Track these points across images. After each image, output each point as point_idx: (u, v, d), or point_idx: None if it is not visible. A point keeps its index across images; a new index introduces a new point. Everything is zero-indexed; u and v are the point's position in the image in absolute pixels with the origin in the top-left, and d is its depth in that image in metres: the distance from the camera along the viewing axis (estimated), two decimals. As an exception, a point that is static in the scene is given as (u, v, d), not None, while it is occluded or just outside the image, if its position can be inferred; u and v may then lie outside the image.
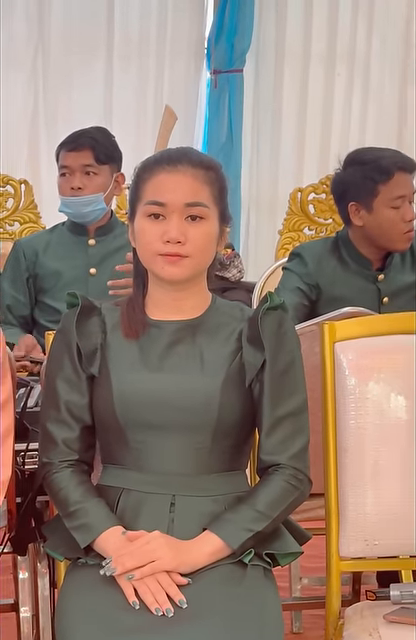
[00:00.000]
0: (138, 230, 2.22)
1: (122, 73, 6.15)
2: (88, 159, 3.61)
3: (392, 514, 2.38)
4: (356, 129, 6.39)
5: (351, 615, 2.36)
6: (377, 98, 6.44)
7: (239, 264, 4.05)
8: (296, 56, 6.31)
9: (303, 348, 2.31)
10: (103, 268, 3.63)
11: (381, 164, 3.33)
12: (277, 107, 6.32)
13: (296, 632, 3.61)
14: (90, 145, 3.61)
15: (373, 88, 6.42)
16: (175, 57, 6.19)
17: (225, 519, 2.15)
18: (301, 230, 5.12)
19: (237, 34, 6.08)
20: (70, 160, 3.61)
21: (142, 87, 6.18)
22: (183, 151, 2.24)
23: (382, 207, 3.35)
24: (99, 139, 3.64)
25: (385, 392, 2.40)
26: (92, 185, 3.62)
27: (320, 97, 6.36)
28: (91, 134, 3.65)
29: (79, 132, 3.66)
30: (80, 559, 2.18)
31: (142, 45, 6.15)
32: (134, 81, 6.18)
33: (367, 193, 3.35)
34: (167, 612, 2.01)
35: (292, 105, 6.33)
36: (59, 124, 5.93)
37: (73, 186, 3.61)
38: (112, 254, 3.64)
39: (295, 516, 2.33)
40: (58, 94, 6.06)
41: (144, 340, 2.24)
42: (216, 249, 2.25)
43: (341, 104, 6.39)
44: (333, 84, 6.36)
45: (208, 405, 2.19)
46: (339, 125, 6.38)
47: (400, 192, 3.35)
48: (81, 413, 2.25)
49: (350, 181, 3.39)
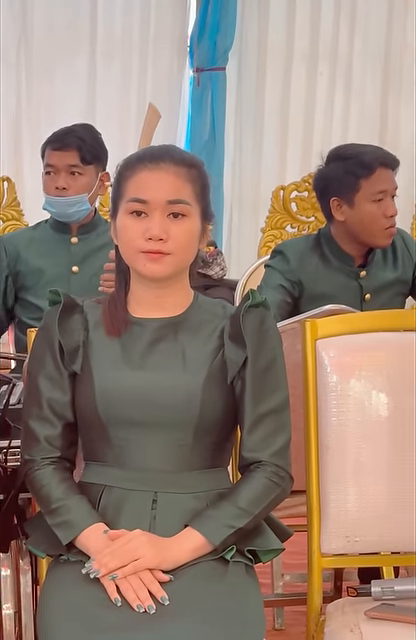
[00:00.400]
0: (120, 227, 2.22)
1: (105, 69, 6.16)
2: (74, 159, 3.59)
3: (373, 511, 2.39)
4: (338, 128, 6.41)
5: (332, 611, 2.37)
6: (359, 97, 6.46)
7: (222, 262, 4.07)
8: (279, 54, 6.32)
9: (285, 346, 2.31)
10: (85, 266, 3.63)
11: (363, 159, 3.34)
12: (260, 105, 6.34)
13: (278, 628, 3.62)
14: (76, 145, 3.58)
15: (355, 87, 6.45)
16: (158, 54, 6.19)
17: (207, 516, 2.16)
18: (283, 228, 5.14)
19: (220, 32, 6.09)
20: (56, 159, 3.60)
21: (125, 84, 6.19)
22: (165, 149, 2.24)
23: (364, 202, 3.36)
24: (86, 139, 3.61)
25: (367, 389, 2.40)
26: (77, 185, 3.61)
27: (302, 95, 6.38)
28: (78, 133, 3.61)
29: (66, 130, 3.63)
30: (62, 556, 2.19)
31: (125, 42, 6.16)
32: (117, 78, 6.18)
33: (349, 188, 3.36)
34: (149, 609, 2.01)
35: (274, 103, 6.35)
36: (42, 121, 5.94)
37: (58, 186, 3.59)
38: (95, 252, 3.63)
39: (277, 513, 2.33)
40: (41, 91, 6.06)
41: (126, 338, 2.24)
42: (198, 246, 2.25)
43: (323, 103, 6.41)
44: (315, 83, 6.38)
45: (190, 402, 2.19)
46: (321, 123, 6.40)
47: (382, 187, 3.35)
48: (63, 410, 2.25)
49: (332, 176, 3.40)
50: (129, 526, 2.15)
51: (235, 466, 2.40)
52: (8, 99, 6.02)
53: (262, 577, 2.27)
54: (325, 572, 2.64)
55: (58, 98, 6.06)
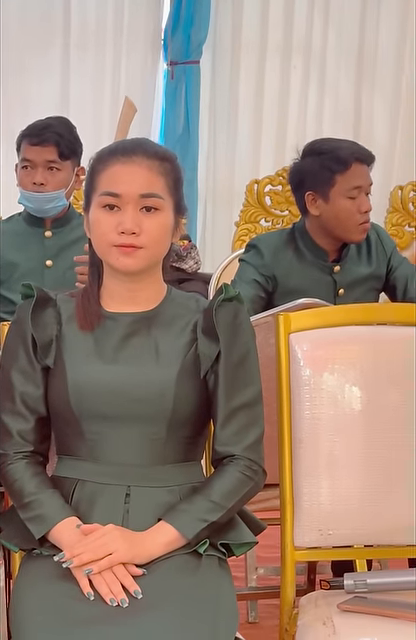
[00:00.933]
0: (93, 221, 2.22)
1: (79, 63, 6.13)
2: (52, 155, 3.57)
3: (346, 504, 2.40)
4: (312, 121, 6.42)
5: (305, 604, 2.37)
6: (333, 91, 6.47)
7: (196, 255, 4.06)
8: (252, 48, 6.32)
9: (258, 339, 2.31)
10: (59, 260, 3.62)
11: (339, 154, 3.35)
12: (234, 99, 6.34)
13: (252, 621, 3.63)
14: (55, 141, 3.56)
15: (329, 81, 6.45)
16: (132, 48, 6.18)
17: (180, 509, 2.16)
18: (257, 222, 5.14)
19: (194, 25, 6.08)
20: (33, 154, 3.57)
21: (99, 77, 6.17)
22: (138, 142, 2.23)
23: (339, 197, 3.37)
24: (63, 134, 3.59)
25: (340, 383, 2.41)
26: (55, 181, 3.60)
27: (276, 89, 6.38)
28: (56, 128, 3.59)
29: (43, 125, 3.60)
30: (35, 550, 2.18)
31: (99, 35, 6.14)
32: (91, 71, 6.16)
33: (324, 183, 3.37)
34: (122, 603, 2.01)
35: (248, 97, 6.35)
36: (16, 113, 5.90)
37: (35, 181, 3.58)
38: (69, 246, 3.62)
39: (250, 506, 2.33)
40: (15, 83, 6.02)
41: (99, 332, 2.24)
42: (171, 240, 2.25)
43: (297, 96, 6.41)
44: (289, 76, 6.38)
45: (163, 396, 2.19)
46: (295, 117, 6.40)
47: (357, 183, 3.36)
48: (36, 404, 2.25)
49: (308, 170, 3.41)
50: (102, 520, 2.15)
51: (208, 460, 2.40)
52: (-19, 92, 6.00)
53: (236, 570, 2.28)
54: (298, 565, 2.65)
55: (32, 91, 6.03)
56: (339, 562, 3.06)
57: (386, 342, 2.45)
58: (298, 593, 2.43)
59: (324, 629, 2.21)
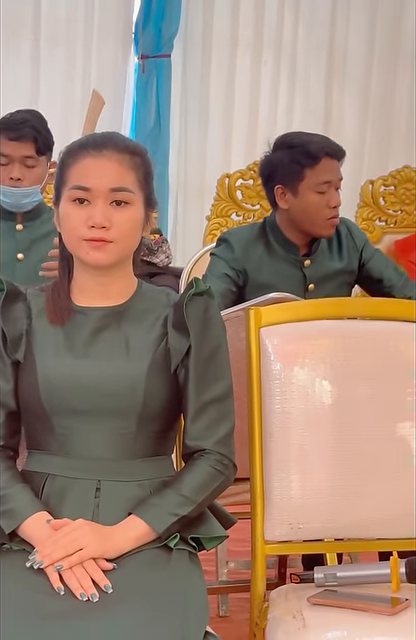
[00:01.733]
0: (63, 215, 2.21)
1: (49, 55, 6.11)
2: (29, 150, 3.56)
3: (317, 498, 2.40)
4: (283, 117, 6.43)
5: (275, 598, 2.38)
6: (303, 87, 6.48)
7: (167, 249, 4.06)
8: (223, 43, 6.32)
9: (229, 334, 2.32)
10: (31, 253, 3.61)
11: (309, 148, 3.36)
12: (205, 93, 6.33)
13: (222, 615, 3.63)
14: (33, 137, 3.55)
15: (299, 77, 6.46)
16: (103, 40, 6.16)
17: (150, 503, 2.16)
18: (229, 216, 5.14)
19: (165, 19, 6.07)
20: (11, 150, 3.56)
21: (69, 70, 6.15)
22: (108, 136, 2.23)
23: (307, 191, 3.38)
24: (40, 130, 3.58)
25: (310, 377, 2.41)
26: (31, 176, 3.59)
27: (247, 84, 6.38)
28: (32, 123, 3.57)
29: (20, 119, 3.58)
30: (5, 545, 2.17)
31: (69, 28, 6.12)
32: (61, 64, 6.14)
33: (293, 176, 3.38)
34: (92, 597, 2.01)
35: (219, 91, 6.35)
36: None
37: (12, 176, 3.56)
38: (40, 239, 3.61)
39: (221, 500, 2.34)
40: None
41: (69, 326, 2.24)
42: (142, 234, 2.25)
43: (268, 92, 6.42)
44: (260, 72, 6.39)
45: (133, 390, 2.19)
46: (266, 112, 6.41)
47: (326, 177, 3.37)
48: (6, 399, 2.24)
49: (277, 164, 3.41)
50: (72, 515, 2.15)
51: (179, 454, 2.40)
52: None
53: (207, 564, 2.28)
54: (269, 559, 2.66)
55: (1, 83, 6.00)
56: (310, 556, 3.08)
57: (356, 336, 2.45)
58: (269, 587, 2.44)
59: (294, 622, 2.22)
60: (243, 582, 3.48)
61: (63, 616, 1.98)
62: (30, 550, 2.11)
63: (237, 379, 2.32)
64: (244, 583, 3.42)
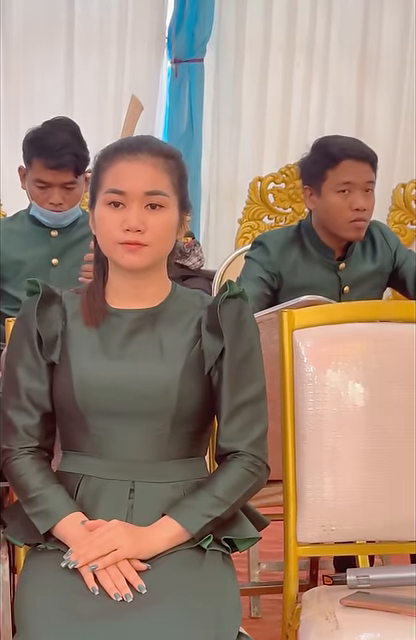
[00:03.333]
0: (98, 218, 2.22)
1: (83, 60, 6.14)
2: (69, 177, 3.52)
3: (349, 500, 2.41)
4: (315, 119, 6.43)
5: (308, 599, 2.38)
6: (335, 89, 6.47)
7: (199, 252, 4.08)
8: (256, 46, 6.33)
9: (262, 336, 2.32)
10: (65, 258, 3.61)
11: (330, 150, 3.38)
12: (237, 97, 6.34)
13: (254, 617, 3.64)
14: (73, 164, 3.50)
15: (331, 79, 6.46)
16: (136, 45, 6.18)
17: (184, 505, 2.17)
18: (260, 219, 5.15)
19: (197, 23, 6.09)
20: (50, 178, 3.52)
21: (103, 75, 6.18)
22: (143, 139, 2.24)
23: (329, 192, 3.39)
24: (78, 153, 3.51)
25: (343, 380, 2.42)
26: (71, 198, 3.56)
27: (279, 87, 6.38)
28: (72, 149, 3.50)
29: (59, 144, 3.48)
30: (40, 545, 2.19)
31: (103, 33, 6.15)
32: (95, 69, 6.17)
33: (316, 177, 3.40)
34: (126, 597, 2.02)
35: (252, 95, 6.36)
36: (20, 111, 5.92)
37: (53, 202, 3.54)
38: (74, 244, 3.62)
39: (254, 502, 2.34)
40: (18, 78, 6.03)
41: (104, 328, 2.25)
42: (176, 237, 2.26)
43: (300, 95, 6.42)
44: (292, 75, 6.39)
45: (167, 392, 2.20)
46: (298, 115, 6.41)
47: (346, 178, 3.37)
48: (41, 400, 2.26)
49: (305, 165, 3.45)
50: (106, 515, 2.16)
51: (212, 456, 2.41)
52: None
53: (238, 566, 2.29)
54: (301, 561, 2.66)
55: (36, 89, 6.05)
56: (341, 558, 3.08)
57: (389, 339, 2.45)
58: (300, 588, 2.44)
59: (327, 624, 2.22)
60: (275, 583, 3.49)
61: (97, 616, 1.99)
62: (65, 550, 2.13)
63: (270, 381, 2.33)
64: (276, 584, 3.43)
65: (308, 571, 3.42)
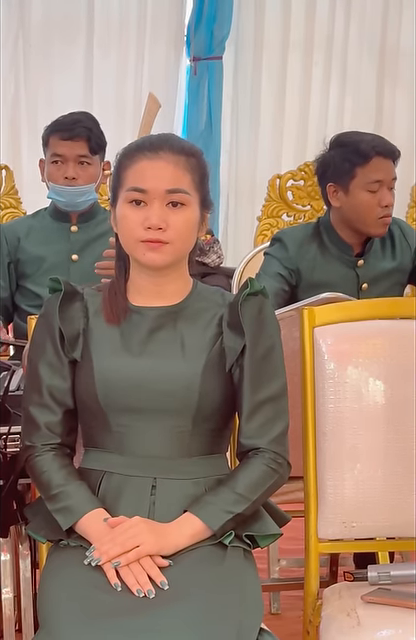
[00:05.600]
0: (120, 216, 2.23)
1: (102, 59, 6.15)
2: (83, 149, 3.59)
3: (369, 497, 2.41)
4: (333, 117, 6.42)
5: (329, 596, 2.39)
6: (354, 86, 6.46)
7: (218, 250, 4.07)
8: (275, 44, 6.32)
9: (282, 333, 2.32)
10: (85, 254, 3.63)
11: (359, 147, 3.36)
12: (256, 94, 6.34)
13: (274, 613, 3.65)
14: (86, 135, 3.58)
15: (350, 76, 6.45)
16: (155, 43, 6.19)
17: (205, 501, 2.18)
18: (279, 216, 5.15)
19: (216, 21, 6.09)
20: (65, 149, 3.59)
21: (122, 73, 6.19)
22: (164, 137, 2.25)
23: (358, 190, 3.38)
24: (93, 129, 3.61)
25: (363, 376, 2.42)
26: (86, 175, 3.62)
27: (298, 85, 6.38)
28: (85, 123, 3.61)
29: (73, 119, 3.62)
30: (62, 541, 2.20)
31: (122, 31, 6.16)
32: (114, 66, 6.18)
33: (345, 175, 3.38)
34: (148, 593, 2.03)
35: (270, 92, 6.36)
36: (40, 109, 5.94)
37: (67, 176, 3.59)
38: (94, 240, 3.64)
39: (275, 498, 2.34)
40: (39, 79, 6.05)
41: (126, 326, 2.26)
42: (197, 235, 2.27)
43: (318, 92, 6.41)
44: (311, 72, 6.38)
45: (189, 389, 2.21)
46: (316, 113, 6.41)
47: (377, 176, 3.37)
48: (63, 397, 2.26)
49: (330, 162, 3.42)
50: (128, 512, 2.17)
51: (233, 453, 2.42)
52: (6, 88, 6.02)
53: (258, 562, 2.29)
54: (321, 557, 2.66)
55: (56, 87, 6.06)
56: (361, 554, 3.08)
57: (409, 336, 2.45)
58: (320, 585, 2.45)
59: (348, 620, 2.23)
60: (295, 580, 3.50)
61: (120, 612, 2.00)
62: (87, 546, 2.14)
63: (291, 379, 2.33)
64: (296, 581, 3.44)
65: (328, 567, 3.43)
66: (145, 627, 1.96)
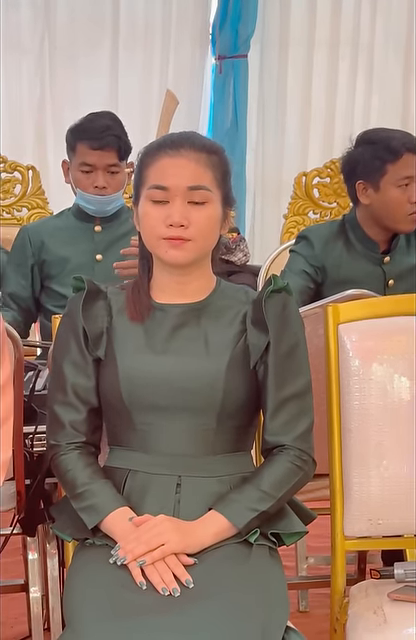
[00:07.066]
0: (142, 214, 2.24)
1: (127, 58, 6.17)
2: (113, 159, 3.59)
3: (396, 493, 2.40)
4: (360, 113, 6.40)
5: (356, 594, 2.38)
6: (381, 82, 6.44)
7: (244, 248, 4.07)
8: (300, 41, 6.31)
9: (307, 330, 2.32)
10: (109, 254, 3.64)
11: (390, 144, 3.35)
12: (281, 92, 6.34)
13: (302, 610, 3.64)
14: (116, 145, 3.57)
15: (377, 73, 6.43)
16: (180, 43, 6.20)
17: (230, 499, 2.18)
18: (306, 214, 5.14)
19: (241, 20, 6.09)
20: (95, 159, 3.58)
21: (147, 72, 6.20)
22: (186, 135, 2.25)
23: (389, 186, 3.37)
24: (121, 136, 3.60)
25: (388, 373, 2.41)
26: (115, 183, 3.62)
27: (324, 82, 6.37)
28: (114, 131, 3.59)
29: (101, 126, 3.59)
30: (88, 540, 2.21)
31: (147, 31, 6.17)
32: (139, 66, 6.19)
33: (375, 172, 3.37)
34: (174, 592, 2.03)
35: (296, 90, 6.35)
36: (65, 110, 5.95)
37: (97, 185, 3.59)
38: (118, 240, 3.64)
39: (300, 496, 2.34)
40: (64, 80, 6.08)
41: (149, 323, 2.26)
42: (220, 232, 2.27)
43: (345, 89, 6.40)
44: (337, 69, 6.37)
45: (213, 387, 2.20)
46: (343, 109, 6.39)
47: (407, 173, 3.36)
48: (88, 396, 2.27)
49: (359, 160, 3.41)
50: (153, 510, 2.17)
51: (258, 450, 2.42)
52: (32, 90, 6.05)
53: (286, 560, 2.29)
54: (349, 555, 2.66)
55: (81, 87, 6.08)
56: (389, 551, 3.07)
57: (435, 332, 2.45)
58: (348, 582, 2.44)
59: (375, 618, 2.23)
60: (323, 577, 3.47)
61: (145, 610, 1.99)
62: (113, 545, 2.14)
63: (315, 376, 2.33)
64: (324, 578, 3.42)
65: (356, 565, 3.41)
66: (170, 626, 1.96)
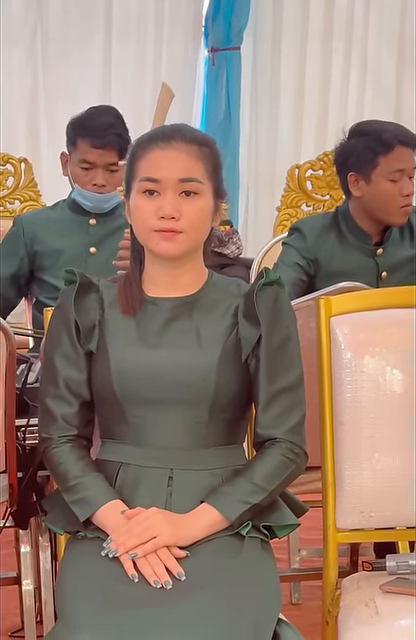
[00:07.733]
0: (133, 207, 2.24)
1: (120, 50, 6.17)
2: (114, 158, 3.56)
3: (388, 486, 2.41)
4: (353, 105, 6.41)
5: (348, 586, 2.38)
6: (374, 74, 6.45)
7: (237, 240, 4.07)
8: (293, 34, 6.32)
9: (299, 323, 2.32)
10: (103, 247, 3.63)
11: (382, 136, 3.35)
12: (275, 84, 6.34)
13: (295, 603, 3.65)
14: (117, 144, 3.55)
15: (370, 65, 6.44)
16: (173, 35, 6.20)
17: (222, 492, 2.18)
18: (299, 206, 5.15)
19: (234, 12, 6.08)
20: (95, 157, 3.57)
21: (140, 65, 6.20)
22: (177, 127, 2.25)
23: (381, 179, 3.37)
24: (122, 134, 3.58)
25: (381, 366, 2.41)
26: (113, 181, 3.60)
27: (317, 74, 6.37)
28: (116, 129, 3.57)
29: (104, 123, 3.57)
30: (79, 532, 2.21)
31: (140, 22, 6.17)
32: (132, 58, 6.19)
33: (367, 164, 3.37)
34: (166, 584, 2.03)
35: (290, 82, 6.35)
36: (58, 102, 5.96)
37: (96, 183, 3.58)
38: (112, 234, 3.63)
39: (292, 489, 2.34)
40: (57, 71, 6.07)
41: (141, 317, 2.26)
42: (211, 224, 2.26)
43: (338, 81, 6.41)
44: (330, 62, 6.38)
45: (205, 380, 2.20)
46: (336, 102, 6.40)
47: (399, 165, 3.36)
48: (79, 389, 2.27)
49: (351, 151, 3.41)
50: (145, 503, 2.17)
51: (250, 443, 2.42)
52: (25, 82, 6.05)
53: (279, 552, 2.29)
54: (341, 547, 2.66)
55: (74, 79, 6.08)
56: (381, 544, 3.07)
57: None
58: (341, 575, 2.44)
59: (367, 610, 2.23)
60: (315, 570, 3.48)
61: (137, 603, 2.00)
62: (104, 538, 2.14)
63: (307, 369, 2.33)
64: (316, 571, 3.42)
65: (348, 557, 3.42)
66: (162, 618, 1.96)
